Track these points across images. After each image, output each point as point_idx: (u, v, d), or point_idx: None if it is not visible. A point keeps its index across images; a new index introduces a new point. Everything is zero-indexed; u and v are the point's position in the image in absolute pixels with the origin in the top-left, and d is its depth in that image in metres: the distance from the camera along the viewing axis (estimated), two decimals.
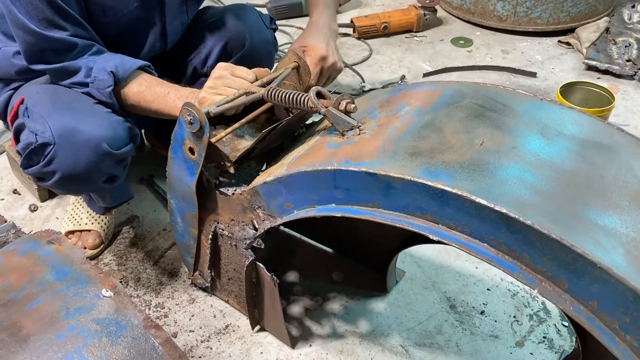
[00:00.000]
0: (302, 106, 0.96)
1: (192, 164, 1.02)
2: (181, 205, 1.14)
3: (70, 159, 1.08)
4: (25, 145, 1.09)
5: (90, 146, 1.07)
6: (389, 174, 0.77)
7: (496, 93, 0.89)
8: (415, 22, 2.32)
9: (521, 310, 1.24)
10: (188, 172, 1.05)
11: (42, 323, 0.75)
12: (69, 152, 1.07)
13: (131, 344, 0.74)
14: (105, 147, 1.08)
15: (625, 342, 0.68)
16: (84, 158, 1.08)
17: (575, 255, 0.66)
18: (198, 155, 1.00)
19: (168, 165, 1.09)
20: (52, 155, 1.08)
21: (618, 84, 1.99)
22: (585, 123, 0.84)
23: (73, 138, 1.07)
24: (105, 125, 1.10)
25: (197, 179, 1.05)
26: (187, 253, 1.24)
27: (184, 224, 1.18)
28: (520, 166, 0.76)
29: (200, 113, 0.93)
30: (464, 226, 0.74)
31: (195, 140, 0.98)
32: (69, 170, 1.09)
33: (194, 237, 1.18)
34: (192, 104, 0.94)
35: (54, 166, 1.09)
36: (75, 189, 1.22)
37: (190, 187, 1.07)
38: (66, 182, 1.12)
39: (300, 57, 1.14)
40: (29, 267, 0.85)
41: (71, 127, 1.07)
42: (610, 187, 0.75)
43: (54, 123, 1.08)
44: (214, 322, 1.24)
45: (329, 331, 1.22)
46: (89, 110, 1.12)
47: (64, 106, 1.11)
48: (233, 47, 1.33)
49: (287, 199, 0.93)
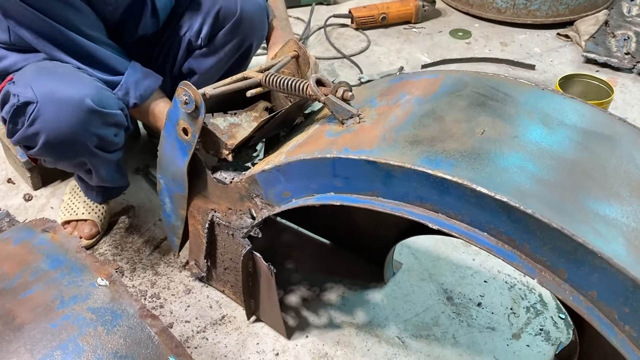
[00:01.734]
0: (301, 93, 0.95)
1: (185, 144, 1.01)
2: (171, 185, 1.13)
3: (53, 117, 1.05)
4: (9, 108, 1.07)
5: (73, 102, 1.05)
6: (389, 162, 0.76)
7: (498, 82, 0.89)
8: (413, 13, 2.31)
9: (518, 302, 1.24)
10: (180, 152, 1.03)
11: (36, 312, 0.74)
12: (51, 109, 1.05)
13: (127, 333, 0.74)
14: (89, 103, 1.06)
15: (625, 333, 0.68)
16: (67, 115, 1.05)
17: (575, 244, 0.66)
18: (192, 136, 0.98)
19: (160, 144, 1.07)
20: (36, 115, 1.05)
21: (616, 77, 1.99)
22: (587, 113, 0.84)
23: (55, 95, 1.05)
24: (90, 86, 1.09)
25: (189, 160, 1.03)
26: (174, 233, 1.24)
27: (172, 205, 1.17)
28: (521, 155, 0.75)
29: (196, 93, 0.92)
30: (464, 215, 0.73)
31: (190, 121, 0.97)
32: (54, 129, 1.06)
33: (181, 218, 1.18)
34: (189, 84, 0.93)
35: (38, 126, 1.06)
36: (64, 154, 1.16)
37: (182, 168, 1.06)
38: (53, 146, 1.09)
39: (300, 46, 1.13)
40: (23, 256, 0.84)
41: (54, 86, 1.06)
42: (611, 177, 0.75)
43: (36, 84, 1.06)
44: (210, 312, 1.23)
45: (325, 322, 1.21)
46: (74, 73, 1.12)
47: (48, 71, 1.10)
48: (225, 15, 1.31)
49: (285, 188, 0.92)
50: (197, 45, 1.35)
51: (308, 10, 2.33)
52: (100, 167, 1.25)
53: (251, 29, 1.33)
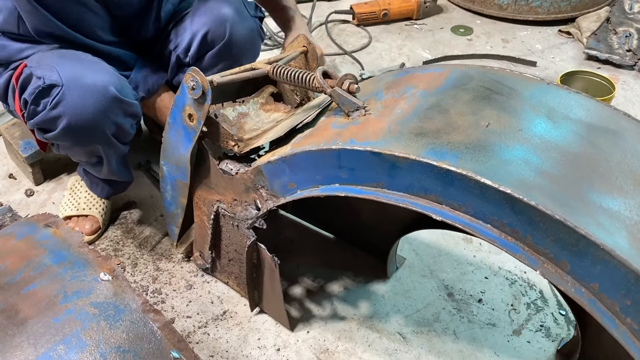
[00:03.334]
0: (307, 85, 0.96)
1: (189, 130, 1.02)
2: (173, 173, 1.13)
3: (78, 101, 1.06)
4: (33, 89, 1.07)
5: (98, 89, 1.07)
6: (394, 153, 0.76)
7: (503, 76, 0.89)
8: (415, 9, 2.31)
9: (519, 298, 1.24)
10: (185, 138, 1.04)
11: (39, 306, 0.74)
12: (76, 93, 1.06)
13: (129, 327, 0.74)
14: (113, 91, 1.08)
15: (626, 325, 0.68)
16: (92, 101, 1.07)
17: (578, 236, 0.66)
18: (197, 122, 0.99)
19: (165, 131, 1.08)
20: (60, 98, 1.06)
21: (618, 74, 1.99)
22: (592, 107, 0.84)
23: (81, 80, 1.06)
24: (112, 74, 1.12)
25: (192, 147, 1.04)
26: (174, 222, 1.24)
27: (174, 192, 1.17)
28: (525, 148, 0.75)
29: (204, 79, 0.93)
30: (468, 206, 0.73)
31: (196, 107, 0.97)
32: (77, 113, 1.07)
33: (182, 206, 1.18)
34: (197, 70, 0.93)
35: (61, 109, 1.07)
36: (82, 140, 1.15)
37: (186, 155, 1.06)
38: (74, 130, 1.09)
39: (310, 42, 1.14)
40: (26, 251, 0.84)
41: (80, 71, 1.07)
42: (615, 170, 0.75)
43: (62, 68, 1.07)
44: (212, 308, 1.23)
45: (327, 316, 1.21)
46: (98, 62, 1.14)
47: (72, 57, 1.12)
48: (214, 37, 1.28)
49: (291, 179, 0.93)
50: (186, 62, 1.33)
51: (309, 7, 2.32)
52: (112, 158, 1.26)
53: (240, 53, 1.31)
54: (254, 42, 1.34)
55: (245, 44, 1.31)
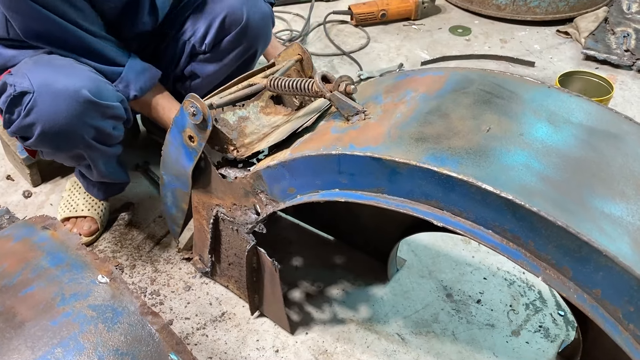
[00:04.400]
0: (307, 92, 0.95)
1: (190, 150, 1.02)
2: (174, 182, 1.13)
3: (50, 107, 1.04)
4: (5, 98, 1.06)
5: (69, 93, 1.04)
6: (395, 159, 0.75)
7: (503, 80, 0.88)
8: (413, 10, 2.30)
9: (517, 299, 1.24)
10: (186, 157, 1.04)
11: (37, 309, 0.74)
12: (48, 99, 1.04)
13: (127, 330, 0.73)
14: (86, 94, 1.05)
15: (629, 331, 0.68)
16: (64, 105, 1.04)
17: (580, 242, 0.66)
18: (198, 144, 0.99)
19: (164, 145, 1.07)
20: (32, 105, 1.04)
21: (616, 74, 1.99)
22: (593, 111, 0.83)
23: (52, 86, 1.04)
24: (87, 77, 1.08)
25: (194, 166, 1.04)
26: (174, 222, 1.25)
27: (174, 199, 1.18)
28: (526, 153, 0.75)
29: (204, 106, 0.93)
30: (469, 212, 0.73)
31: (197, 131, 0.98)
32: (50, 119, 1.05)
33: (183, 210, 1.18)
34: (196, 96, 0.93)
35: (34, 116, 1.05)
36: (60, 146, 1.13)
37: (187, 171, 1.07)
38: (49, 137, 1.07)
39: (304, 50, 1.13)
40: (23, 253, 0.84)
41: (51, 76, 1.05)
42: (617, 175, 0.74)
43: (33, 75, 1.05)
44: (210, 309, 1.23)
45: (326, 318, 1.21)
46: (72, 65, 1.11)
47: (45, 63, 1.09)
48: (231, 22, 1.30)
49: (290, 184, 0.92)
50: (201, 50, 1.35)
51: (307, 7, 2.32)
52: (98, 161, 1.24)
53: (256, 36, 1.33)
54: (268, 26, 1.37)
55: (260, 28, 1.34)
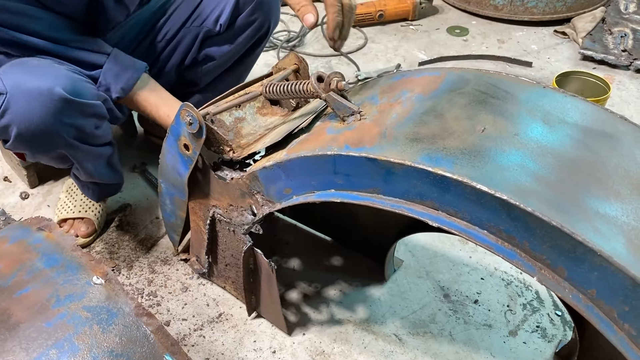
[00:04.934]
0: (302, 93, 0.96)
1: (186, 159, 1.02)
2: (171, 190, 1.13)
3: (24, 107, 1.01)
4: None
5: (42, 91, 1.01)
6: (390, 159, 0.75)
7: (499, 80, 0.88)
8: (411, 10, 2.30)
9: (515, 299, 1.24)
10: (182, 165, 1.05)
11: (32, 310, 0.74)
12: (21, 99, 1.01)
13: (122, 331, 0.73)
14: (60, 92, 1.02)
15: (624, 331, 0.68)
16: (37, 105, 1.01)
17: (575, 242, 0.66)
18: (193, 152, 1.00)
19: (162, 154, 1.08)
20: (5, 106, 1.02)
21: (613, 74, 1.99)
22: (588, 111, 0.83)
23: (25, 85, 1.01)
24: (63, 75, 1.05)
25: (189, 173, 1.04)
26: (174, 231, 1.25)
27: (173, 207, 1.18)
28: (521, 153, 0.75)
29: (199, 116, 0.93)
30: (464, 213, 0.73)
31: (191, 139, 0.98)
32: (24, 120, 1.02)
33: (181, 218, 1.18)
34: (191, 106, 0.93)
35: (8, 117, 1.03)
36: (39, 147, 1.10)
37: (183, 180, 1.07)
38: (27, 138, 1.05)
39: (301, 59, 1.14)
40: (18, 254, 0.84)
41: (24, 77, 1.03)
42: (612, 175, 0.74)
43: (7, 76, 1.03)
44: (207, 310, 1.23)
45: (324, 318, 1.21)
46: (47, 65, 1.08)
47: (19, 64, 1.07)
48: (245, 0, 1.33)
49: (286, 184, 0.92)
50: (215, 32, 1.35)
51: None
52: (84, 162, 1.21)
53: (269, 11, 1.35)
54: (278, 3, 1.40)
55: (271, 5, 1.36)
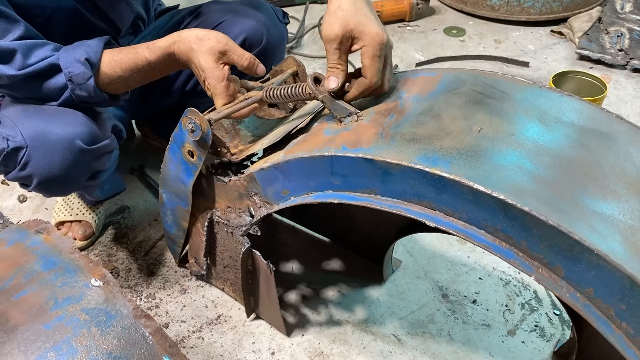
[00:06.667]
0: (301, 95, 0.96)
1: (190, 165, 1.02)
2: (173, 200, 1.13)
3: (44, 161, 1.04)
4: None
5: (63, 145, 1.03)
6: (387, 160, 0.76)
7: (495, 80, 0.88)
8: (407, 11, 2.31)
9: (513, 299, 1.24)
10: (186, 173, 1.04)
11: (30, 313, 0.74)
12: (42, 153, 1.03)
13: (121, 333, 0.73)
14: (79, 144, 1.04)
15: (621, 330, 0.68)
16: (58, 158, 1.04)
17: (572, 241, 0.66)
18: (197, 159, 1.00)
19: (164, 163, 1.08)
20: (26, 159, 1.04)
21: (610, 74, 2.00)
22: (584, 110, 0.83)
23: (45, 139, 1.03)
24: (78, 122, 1.06)
25: (194, 180, 1.04)
26: (175, 243, 1.24)
27: (174, 217, 1.17)
28: (518, 153, 0.75)
29: (203, 122, 0.93)
30: (462, 213, 0.73)
31: (196, 146, 0.98)
32: (46, 172, 1.05)
33: (183, 229, 1.18)
34: (195, 111, 0.93)
35: (30, 170, 1.05)
36: (59, 191, 1.16)
37: (187, 187, 1.07)
38: (47, 186, 1.08)
39: (298, 63, 1.14)
40: (16, 257, 0.83)
41: (42, 128, 1.03)
42: (608, 174, 0.75)
43: (24, 127, 1.03)
44: (206, 312, 1.23)
45: (322, 320, 1.21)
46: (60, 110, 1.08)
47: (34, 110, 1.07)
48: (251, 42, 1.31)
49: (284, 186, 0.92)
50: None
51: (302, 9, 2.32)
52: (94, 191, 1.29)
53: (273, 56, 1.34)
54: (284, 46, 1.41)
55: (277, 49, 1.36)
